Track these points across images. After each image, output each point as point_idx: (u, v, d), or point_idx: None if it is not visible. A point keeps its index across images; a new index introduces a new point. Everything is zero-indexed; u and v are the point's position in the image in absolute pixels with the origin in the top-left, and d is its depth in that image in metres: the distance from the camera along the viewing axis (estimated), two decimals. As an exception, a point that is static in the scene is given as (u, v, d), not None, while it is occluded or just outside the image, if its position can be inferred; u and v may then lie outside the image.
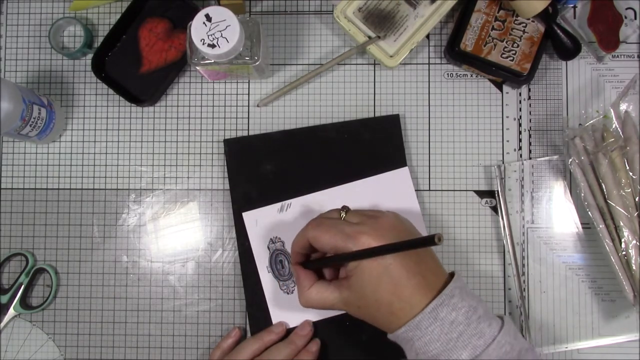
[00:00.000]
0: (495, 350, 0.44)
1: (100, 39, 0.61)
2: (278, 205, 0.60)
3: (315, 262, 0.53)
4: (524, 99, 0.62)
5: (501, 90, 0.62)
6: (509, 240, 0.60)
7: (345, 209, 0.52)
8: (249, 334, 0.60)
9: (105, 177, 0.62)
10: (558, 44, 0.59)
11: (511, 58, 0.59)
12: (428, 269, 0.48)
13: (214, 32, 0.51)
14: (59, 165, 0.62)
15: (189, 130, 0.62)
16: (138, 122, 0.62)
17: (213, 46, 0.51)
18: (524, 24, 0.59)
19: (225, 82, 0.63)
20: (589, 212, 0.57)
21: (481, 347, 0.44)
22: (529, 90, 0.62)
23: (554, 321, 0.59)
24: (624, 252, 0.56)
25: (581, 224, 0.60)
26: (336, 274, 0.54)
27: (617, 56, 0.62)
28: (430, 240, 0.42)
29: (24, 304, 0.61)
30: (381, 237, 0.47)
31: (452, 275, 0.49)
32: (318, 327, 0.59)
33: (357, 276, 0.48)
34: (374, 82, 0.62)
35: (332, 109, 0.62)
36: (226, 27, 0.51)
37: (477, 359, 0.44)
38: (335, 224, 0.50)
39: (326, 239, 0.49)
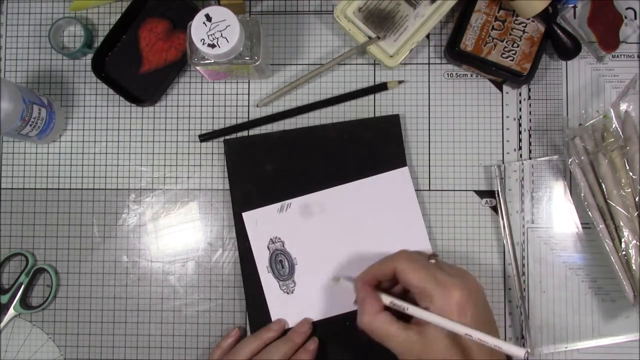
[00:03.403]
0: None
1: (100, 39, 0.61)
2: (278, 205, 0.60)
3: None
4: (524, 99, 0.62)
5: (501, 90, 0.62)
6: (509, 240, 0.60)
7: (434, 256, 0.51)
8: (248, 334, 0.60)
9: (105, 177, 0.62)
10: (558, 44, 0.59)
11: (511, 58, 0.59)
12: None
13: (214, 32, 0.51)
14: (59, 165, 0.62)
15: (189, 130, 0.62)
16: (138, 122, 0.62)
17: (213, 46, 0.51)
18: (524, 24, 0.59)
19: (225, 82, 0.63)
20: (589, 212, 0.57)
21: None
22: (529, 90, 0.62)
23: (554, 321, 0.59)
24: (624, 252, 0.56)
25: (581, 224, 0.60)
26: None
27: (617, 56, 0.62)
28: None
29: (24, 304, 0.61)
30: (470, 297, 0.47)
31: None
32: (317, 327, 0.59)
33: (433, 328, 0.47)
34: (374, 82, 0.62)
35: (332, 109, 0.62)
36: (226, 27, 0.51)
37: None
38: (429, 266, 0.49)
39: (417, 277, 0.48)
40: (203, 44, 0.51)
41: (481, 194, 0.61)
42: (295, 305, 0.59)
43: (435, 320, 0.46)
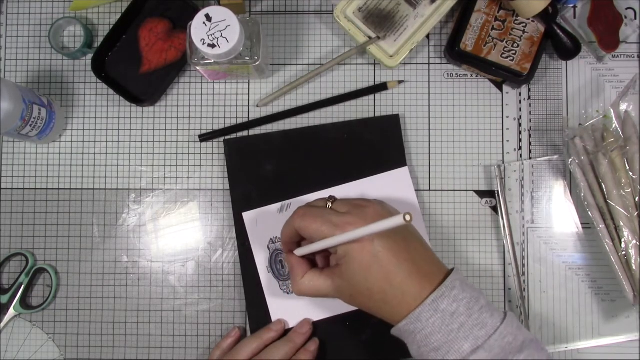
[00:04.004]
0: (498, 341, 0.44)
1: (100, 39, 0.61)
2: (278, 205, 0.60)
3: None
4: (524, 99, 0.62)
5: (501, 90, 0.62)
6: (509, 240, 0.60)
7: (332, 198, 0.52)
8: (248, 334, 0.60)
9: (105, 177, 0.62)
10: (558, 44, 0.59)
11: (511, 58, 0.59)
12: (421, 257, 0.48)
13: (214, 32, 0.51)
14: (59, 165, 0.62)
15: (189, 130, 0.62)
16: (138, 122, 0.62)
17: (213, 46, 0.51)
18: (524, 24, 0.59)
19: (225, 82, 0.63)
20: (589, 212, 0.57)
21: (483, 337, 0.44)
22: (529, 90, 0.62)
23: (554, 321, 0.59)
24: (624, 252, 0.56)
25: (581, 224, 0.60)
26: (328, 262, 0.54)
27: (617, 56, 0.62)
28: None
29: (24, 304, 0.61)
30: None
31: (452, 270, 0.49)
32: (318, 327, 0.59)
33: (347, 264, 0.48)
34: (374, 82, 0.62)
35: (332, 109, 0.62)
36: (226, 27, 0.51)
37: (480, 349, 0.44)
38: (322, 213, 0.50)
39: (313, 228, 0.49)
40: (203, 44, 0.51)
41: (481, 194, 0.61)
42: (296, 305, 0.59)
43: (330, 242, 0.48)
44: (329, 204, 0.51)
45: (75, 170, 0.62)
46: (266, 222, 0.60)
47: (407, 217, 0.42)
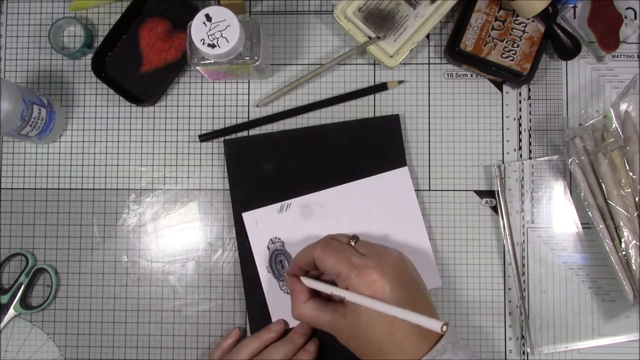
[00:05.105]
0: None
1: (100, 39, 0.61)
2: (278, 205, 0.60)
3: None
4: (524, 99, 0.62)
5: (501, 90, 0.62)
6: (509, 240, 0.60)
7: (355, 238, 0.52)
8: (249, 334, 0.60)
9: (105, 177, 0.62)
10: (558, 44, 0.59)
11: (511, 58, 0.59)
12: (424, 314, 0.48)
13: (214, 32, 0.51)
14: (59, 165, 0.62)
15: (189, 130, 0.62)
16: (138, 122, 0.62)
17: (213, 46, 0.51)
18: (524, 24, 0.59)
19: (225, 82, 0.63)
20: (589, 212, 0.57)
21: None
22: (529, 90, 0.62)
23: (554, 321, 0.59)
24: (624, 252, 0.56)
25: (581, 224, 0.60)
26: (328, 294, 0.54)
27: (617, 56, 0.62)
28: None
29: (24, 304, 0.61)
30: (385, 275, 0.47)
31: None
32: (318, 327, 0.59)
33: (353, 306, 0.48)
34: (374, 82, 0.62)
35: (332, 109, 0.62)
36: (226, 27, 0.51)
37: None
38: (343, 250, 0.50)
39: (331, 263, 0.49)
40: (203, 44, 0.51)
41: (481, 194, 0.61)
42: (295, 305, 0.59)
43: (351, 297, 0.47)
44: (352, 242, 0.51)
45: (75, 170, 0.62)
46: (266, 222, 0.60)
47: (445, 328, 0.41)
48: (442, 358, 0.45)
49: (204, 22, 0.51)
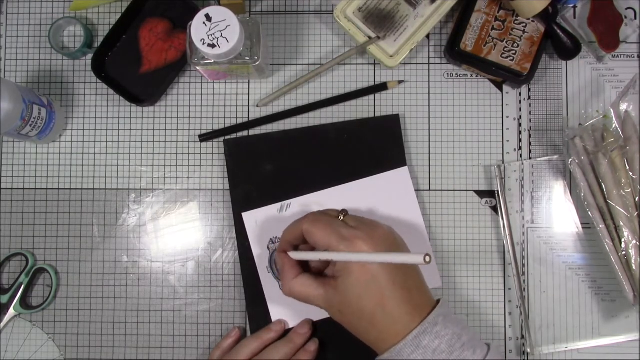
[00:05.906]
0: None
1: (100, 39, 0.61)
2: (278, 205, 0.60)
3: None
4: (524, 99, 0.62)
5: (501, 90, 0.62)
6: (509, 240, 0.60)
7: (344, 211, 0.52)
8: (249, 334, 0.60)
9: (105, 177, 0.62)
10: (558, 44, 0.59)
11: (511, 58, 0.59)
12: (415, 286, 0.48)
13: (214, 32, 0.51)
14: (59, 165, 0.62)
15: (189, 130, 0.62)
16: (138, 122, 0.62)
17: (213, 46, 0.51)
18: (524, 24, 0.59)
19: (225, 82, 0.63)
20: (589, 212, 0.57)
21: None
22: (529, 90, 0.62)
23: (554, 321, 0.59)
24: (624, 252, 0.56)
25: (581, 224, 0.60)
26: (319, 270, 0.54)
27: (617, 56, 0.62)
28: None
29: (24, 304, 0.61)
30: (375, 245, 0.47)
31: (438, 302, 0.48)
32: (318, 327, 0.59)
33: (344, 278, 0.48)
34: (374, 82, 0.62)
35: (332, 109, 0.62)
36: (226, 27, 0.51)
37: None
38: (332, 223, 0.50)
39: (321, 236, 0.49)
40: (203, 44, 0.51)
41: (481, 194, 0.61)
42: (296, 305, 0.59)
43: (338, 257, 0.47)
44: (341, 216, 0.51)
45: (75, 170, 0.62)
46: (266, 222, 0.60)
47: (427, 259, 0.40)
48: (434, 330, 0.46)
49: (204, 22, 0.51)
